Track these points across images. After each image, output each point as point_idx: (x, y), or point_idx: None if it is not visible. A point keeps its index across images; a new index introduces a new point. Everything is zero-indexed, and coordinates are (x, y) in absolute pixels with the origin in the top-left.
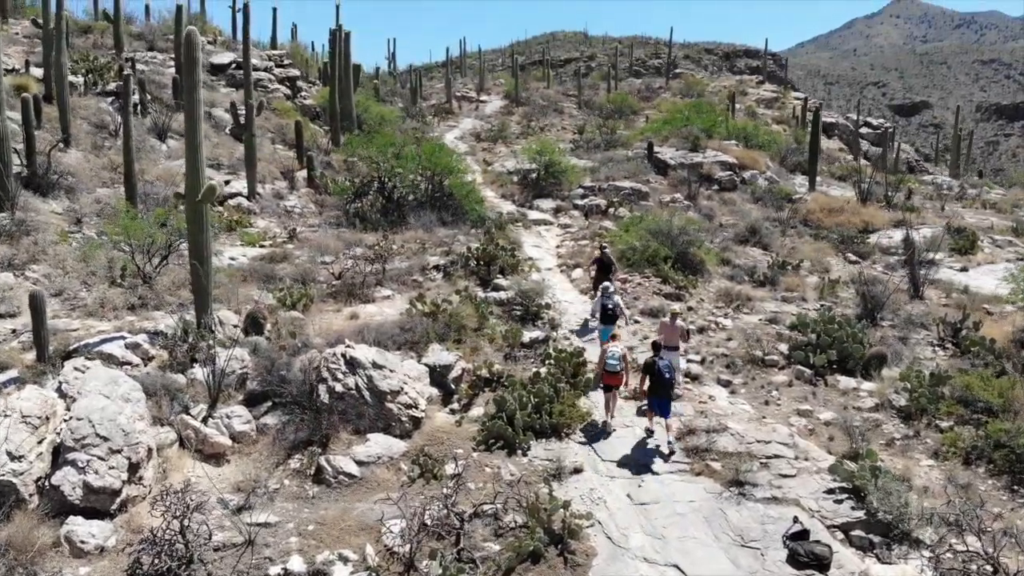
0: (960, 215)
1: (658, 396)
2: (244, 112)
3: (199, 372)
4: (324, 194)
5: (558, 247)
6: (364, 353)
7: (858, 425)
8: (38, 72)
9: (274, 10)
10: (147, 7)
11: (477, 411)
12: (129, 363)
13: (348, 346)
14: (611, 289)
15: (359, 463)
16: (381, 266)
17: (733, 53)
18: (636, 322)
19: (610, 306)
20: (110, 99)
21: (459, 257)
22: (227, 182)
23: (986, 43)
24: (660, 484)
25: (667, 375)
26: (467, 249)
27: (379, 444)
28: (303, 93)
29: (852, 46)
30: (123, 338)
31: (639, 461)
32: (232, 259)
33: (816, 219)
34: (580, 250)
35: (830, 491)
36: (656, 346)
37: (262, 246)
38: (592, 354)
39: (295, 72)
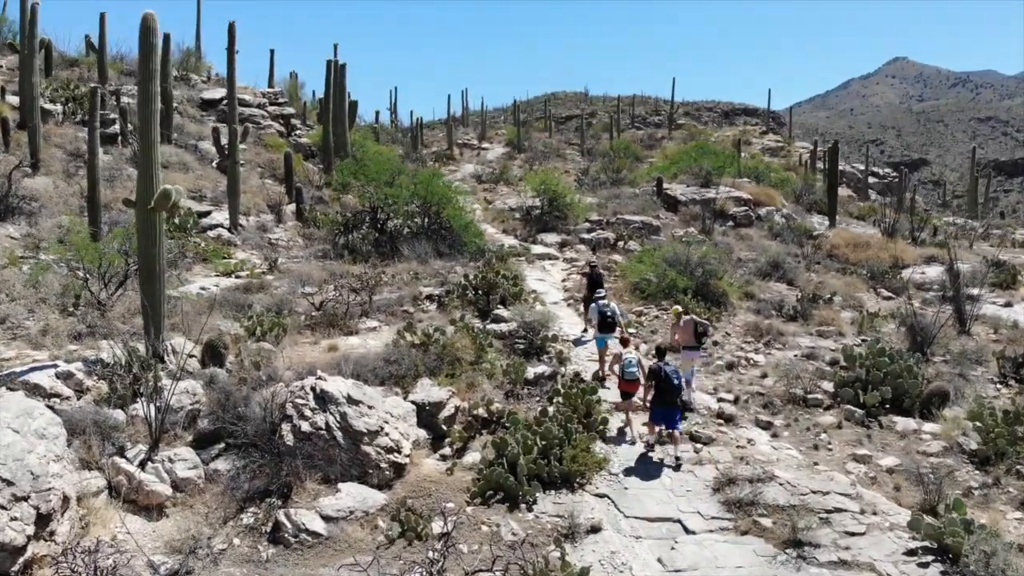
0: (994, 253)
1: (664, 405)
2: (228, 139)
3: (141, 407)
4: (313, 227)
5: (564, 281)
6: (338, 386)
7: (928, 472)
8: (15, 100)
9: (271, 51)
10: None
11: (472, 457)
12: (58, 395)
13: (319, 378)
14: (603, 294)
15: (326, 519)
16: (368, 296)
17: (732, 111)
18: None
19: (608, 313)
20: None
21: (455, 287)
22: (208, 213)
23: (982, 101)
24: (698, 546)
25: (675, 380)
26: (464, 277)
27: (352, 496)
28: (298, 132)
29: (849, 106)
30: (55, 366)
31: (670, 514)
32: (203, 289)
33: (842, 254)
34: None
35: (911, 552)
36: (661, 351)
37: (238, 276)
38: (610, 393)
39: (290, 110)
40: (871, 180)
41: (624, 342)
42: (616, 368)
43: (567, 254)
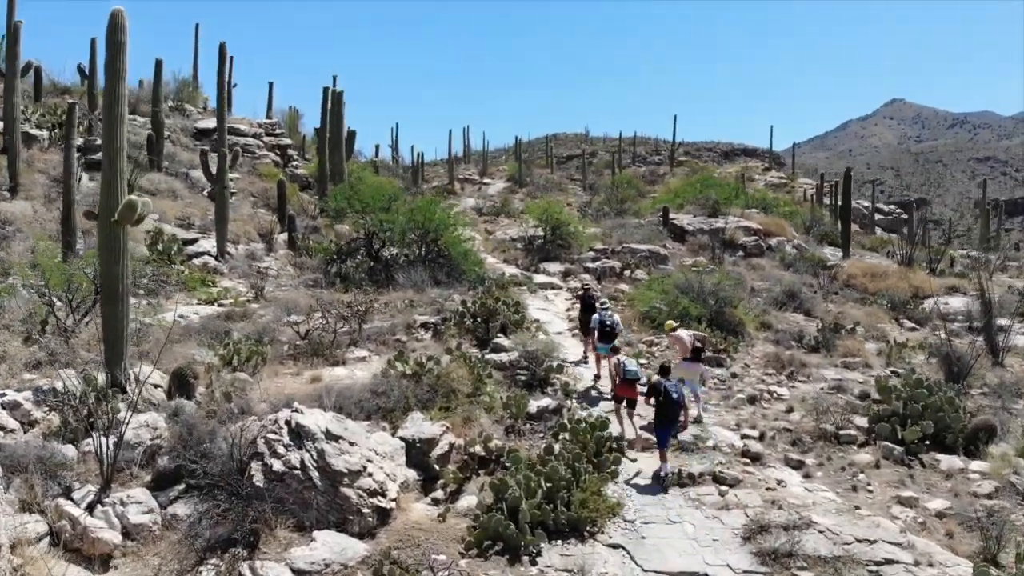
0: (1013, 284)
1: (668, 422)
2: (216, 164)
3: (94, 442)
4: (305, 256)
5: (568, 311)
6: (316, 420)
7: (983, 516)
8: None
9: (270, 84)
10: (141, 81)
11: (468, 501)
12: (2, 427)
13: (295, 410)
14: (607, 305)
15: (298, 572)
16: (358, 323)
17: (732, 151)
18: None
19: (609, 323)
20: (76, 155)
21: (452, 314)
22: (195, 240)
23: (980, 142)
24: None
25: (674, 395)
26: (462, 304)
27: (328, 546)
28: (295, 163)
29: (848, 146)
30: (2, 395)
31: (694, 567)
32: (181, 317)
33: (859, 284)
34: None
35: None
36: (664, 368)
37: (221, 304)
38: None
39: (287, 141)
40: (877, 217)
41: (616, 350)
42: (614, 370)
43: (571, 283)
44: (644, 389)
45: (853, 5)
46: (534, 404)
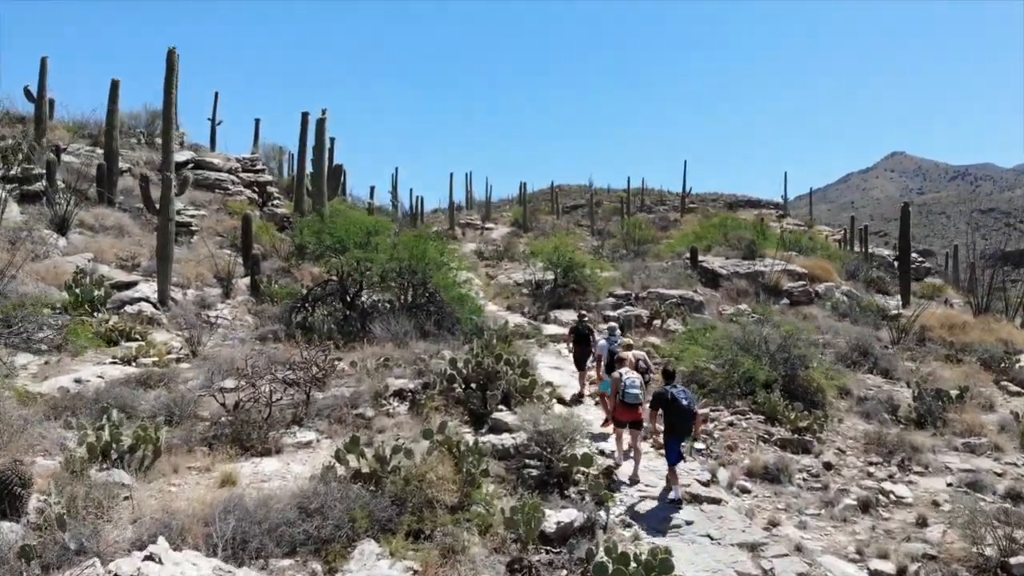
0: None
1: (679, 434)
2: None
3: None
4: (268, 303)
5: (588, 369)
6: (183, 572)
7: None
8: None
9: (256, 121)
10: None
11: None
12: None
13: (150, 556)
14: (617, 331)
15: None
16: (306, 392)
17: (736, 203)
18: (746, 491)
19: (619, 353)
20: (11, 186)
21: (438, 376)
22: (133, 284)
23: (982, 193)
24: None
25: (685, 403)
26: (451, 364)
27: None
28: (275, 201)
29: (849, 199)
30: None
31: None
32: (79, 380)
33: (937, 337)
34: None
35: None
36: (668, 373)
37: (142, 364)
38: (686, 561)
39: (267, 178)
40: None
41: (620, 360)
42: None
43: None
44: (642, 396)
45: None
46: (552, 518)
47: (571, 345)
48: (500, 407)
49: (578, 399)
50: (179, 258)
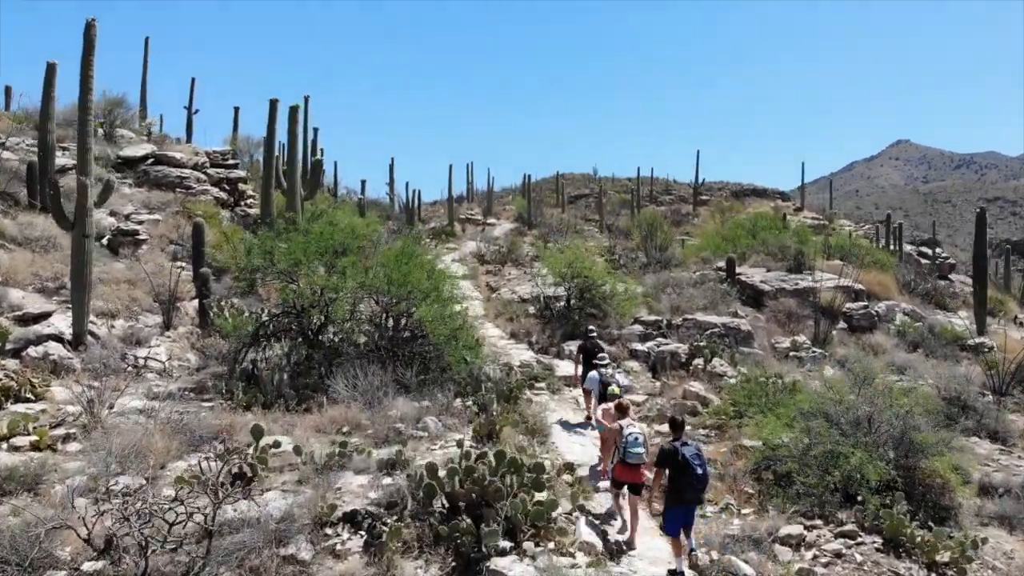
0: None
1: (685, 503)
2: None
3: None
4: (217, 335)
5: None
6: None
7: None
8: None
9: (235, 110)
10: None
11: None
12: None
13: None
14: (607, 361)
15: None
16: (207, 527)
17: (741, 191)
18: None
19: (612, 383)
20: None
21: (412, 487)
22: (45, 315)
23: (988, 182)
24: None
25: (697, 467)
26: (429, 471)
27: None
28: (249, 201)
29: (854, 187)
30: None
31: None
32: None
33: None
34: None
35: None
36: (676, 424)
37: (14, 447)
38: None
39: (239, 174)
40: (923, 261)
41: (622, 409)
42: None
43: (615, 376)
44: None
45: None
46: None
47: (579, 368)
48: (503, 539)
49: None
50: (113, 277)
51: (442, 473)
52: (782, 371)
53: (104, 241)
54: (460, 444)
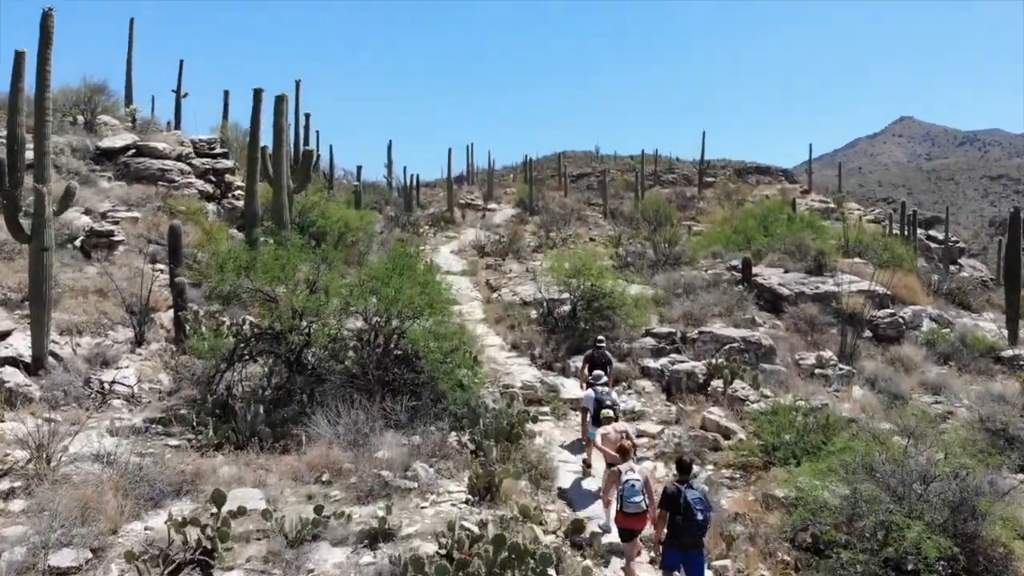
0: None
1: (683, 548)
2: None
3: None
4: (191, 352)
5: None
6: None
7: None
8: None
9: (225, 93)
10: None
11: None
12: None
13: None
14: (604, 379)
15: None
16: None
17: (744, 169)
18: None
19: (608, 403)
20: None
21: (404, 567)
22: (6, 334)
23: (991, 159)
24: None
25: (698, 513)
26: (414, 565)
27: None
28: (237, 193)
29: (857, 164)
30: None
31: None
32: None
33: None
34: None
35: None
36: (684, 466)
37: None
38: None
39: (227, 164)
40: (934, 247)
41: (623, 451)
42: (612, 492)
43: (625, 400)
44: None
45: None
46: None
47: (586, 374)
48: None
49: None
50: (82, 287)
51: (430, 570)
52: (808, 392)
53: (77, 243)
54: (451, 527)
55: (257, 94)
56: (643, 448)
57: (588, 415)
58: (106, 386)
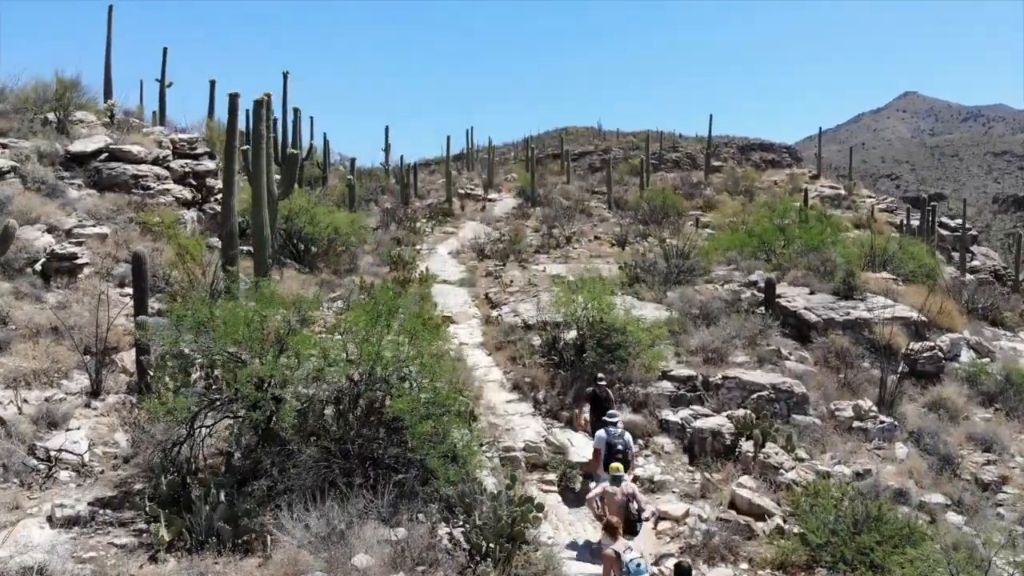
0: None
1: None
2: None
3: None
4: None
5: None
6: None
7: None
8: None
9: (211, 84)
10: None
11: None
12: None
13: None
14: (617, 419)
15: None
16: None
17: (748, 146)
18: None
19: (619, 446)
20: None
21: None
22: None
23: (995, 135)
24: None
25: None
26: None
27: None
28: (219, 196)
29: (860, 139)
30: None
31: None
32: None
33: None
34: None
35: None
36: (682, 570)
37: None
38: None
39: (209, 166)
40: (946, 234)
41: (625, 525)
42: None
43: (641, 465)
44: None
45: None
46: None
47: (586, 417)
48: None
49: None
50: (35, 324)
51: None
52: (846, 451)
53: (38, 266)
54: None
55: (233, 100)
56: (664, 537)
57: (600, 466)
58: (52, 456)
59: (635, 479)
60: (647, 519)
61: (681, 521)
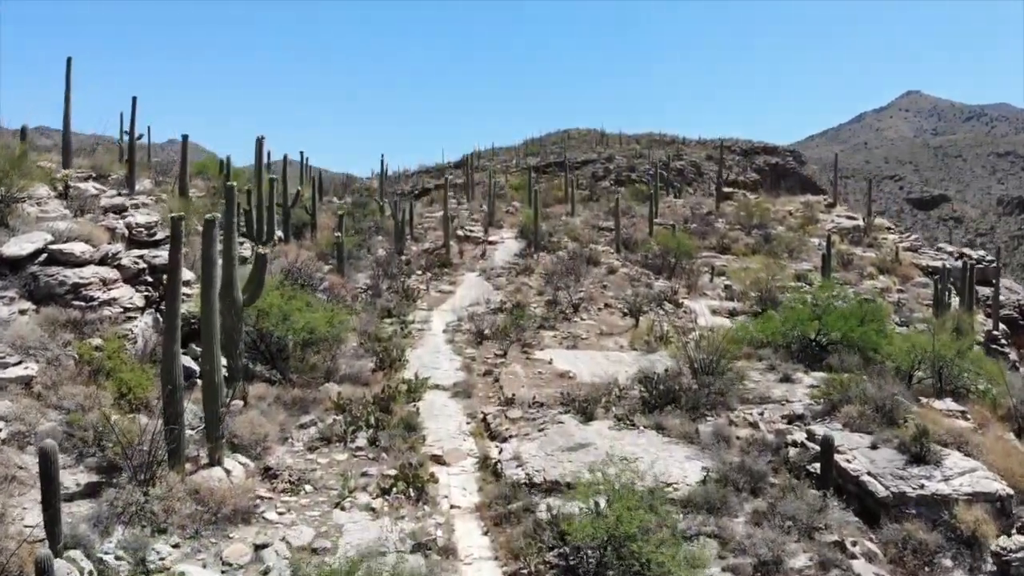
0: None
1: None
2: None
3: None
4: None
5: None
6: None
7: None
8: None
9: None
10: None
11: None
12: None
13: None
14: None
15: None
16: None
17: (752, 150)
18: None
19: None
20: None
21: None
22: None
23: (998, 135)
24: None
25: None
26: None
27: None
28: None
29: (863, 139)
30: None
31: None
32: None
33: None
34: None
35: None
36: None
37: None
38: None
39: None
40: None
41: None
42: None
43: None
44: None
45: None
46: None
47: None
48: None
49: None
50: None
51: None
52: None
53: None
54: None
55: (176, 225)
56: None
57: None
58: None
59: None
60: None
61: None
